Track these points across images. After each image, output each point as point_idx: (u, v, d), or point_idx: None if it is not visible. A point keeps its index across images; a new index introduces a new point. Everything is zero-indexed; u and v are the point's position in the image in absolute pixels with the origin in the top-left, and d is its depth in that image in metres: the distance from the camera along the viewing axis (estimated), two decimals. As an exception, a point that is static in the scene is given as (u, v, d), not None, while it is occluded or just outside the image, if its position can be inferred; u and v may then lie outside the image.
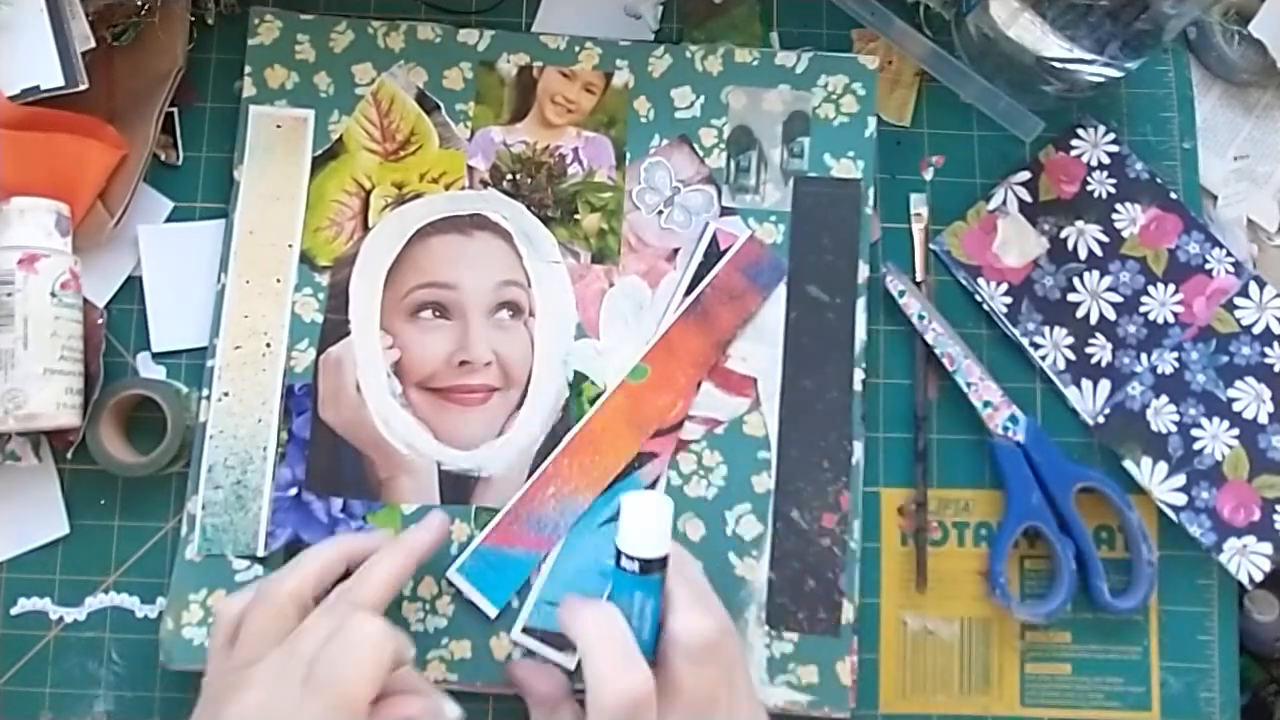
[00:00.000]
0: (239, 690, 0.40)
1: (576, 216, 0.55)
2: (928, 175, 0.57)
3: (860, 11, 0.57)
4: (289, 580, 0.43)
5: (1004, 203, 0.56)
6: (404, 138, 0.55)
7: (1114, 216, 0.56)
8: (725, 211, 0.55)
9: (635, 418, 0.52)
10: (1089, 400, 0.54)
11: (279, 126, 0.55)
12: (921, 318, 0.54)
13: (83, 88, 0.51)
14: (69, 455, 0.52)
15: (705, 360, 0.53)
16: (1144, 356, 0.55)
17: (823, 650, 0.51)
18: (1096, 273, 0.56)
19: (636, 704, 0.39)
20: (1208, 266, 0.55)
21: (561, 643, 0.50)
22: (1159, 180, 0.56)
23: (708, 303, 0.53)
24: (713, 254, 0.54)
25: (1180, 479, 0.53)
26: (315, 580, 0.44)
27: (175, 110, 0.56)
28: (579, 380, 0.53)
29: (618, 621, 0.41)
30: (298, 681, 0.39)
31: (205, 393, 0.52)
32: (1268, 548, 0.53)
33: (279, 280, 0.54)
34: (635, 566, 0.42)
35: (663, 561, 0.42)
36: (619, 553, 0.42)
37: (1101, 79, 0.54)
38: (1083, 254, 0.56)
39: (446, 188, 0.55)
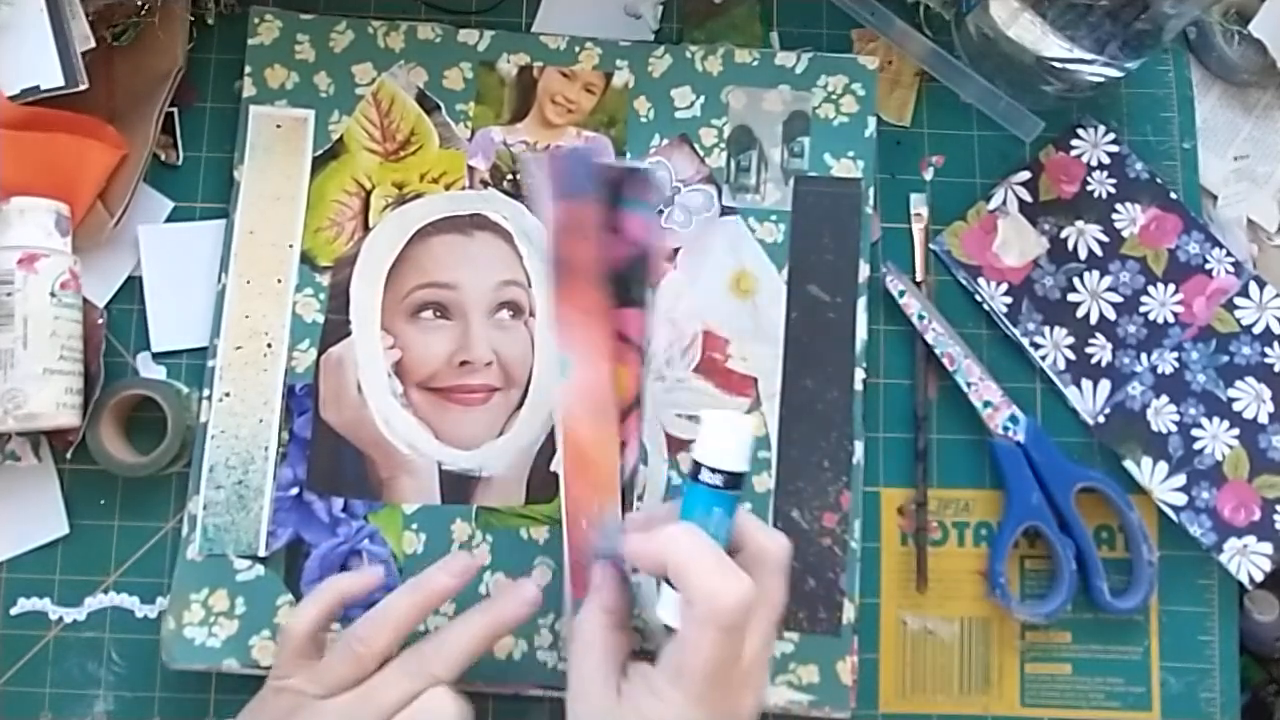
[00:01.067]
0: (308, 716, 0.43)
1: (577, 216, 0.55)
2: (928, 175, 0.57)
3: (860, 11, 0.57)
4: (379, 640, 0.44)
5: (1004, 203, 0.56)
6: (404, 138, 0.55)
7: (1114, 216, 0.56)
8: (725, 211, 0.55)
9: (592, 408, 0.46)
10: (1089, 400, 0.54)
11: (279, 126, 0.55)
12: (921, 318, 0.54)
13: (83, 88, 0.51)
14: (69, 455, 0.52)
15: (598, 304, 0.44)
16: (1144, 356, 0.55)
17: (823, 650, 0.51)
18: (1096, 273, 0.56)
19: (747, 610, 0.39)
20: (1208, 266, 0.55)
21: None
22: (1159, 180, 0.56)
23: (558, 253, 0.44)
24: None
25: (1180, 479, 0.53)
26: (401, 638, 0.45)
27: (175, 110, 0.56)
28: (579, 380, 0.53)
29: (704, 535, 0.40)
30: None
31: (206, 393, 0.52)
32: (1268, 548, 0.53)
33: (280, 280, 0.54)
34: (719, 480, 0.41)
35: (741, 479, 0.42)
36: (699, 466, 0.41)
37: (1101, 79, 0.54)
38: (1083, 254, 0.56)
39: (447, 188, 0.55)
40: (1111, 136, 0.57)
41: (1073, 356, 0.55)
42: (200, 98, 0.56)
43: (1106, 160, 0.57)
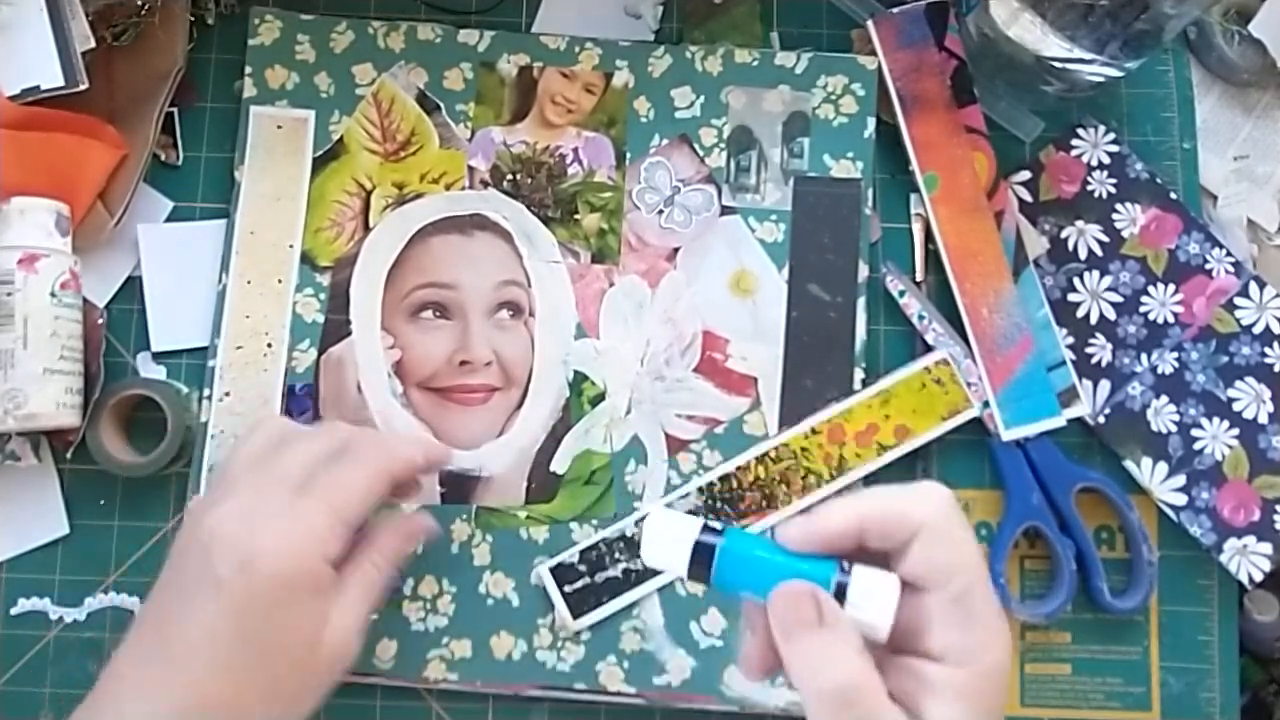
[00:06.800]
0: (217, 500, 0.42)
1: (576, 216, 0.55)
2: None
3: (860, 11, 0.57)
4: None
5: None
6: (404, 138, 0.55)
7: (1114, 216, 0.56)
8: (725, 211, 0.55)
9: (966, 206, 0.54)
10: (1089, 400, 0.54)
11: (280, 127, 0.55)
12: (922, 318, 0.54)
13: (83, 88, 0.51)
14: (69, 455, 0.52)
15: (947, 117, 0.55)
16: (1144, 356, 0.55)
17: (823, 650, 0.51)
18: (1096, 273, 0.56)
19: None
20: (1208, 266, 0.55)
21: None
22: (1159, 180, 0.56)
23: (906, 92, 0.55)
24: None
25: (1180, 479, 0.53)
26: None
27: (175, 110, 0.56)
28: (579, 380, 0.53)
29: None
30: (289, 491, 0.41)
31: (206, 393, 0.52)
32: (1268, 548, 0.53)
33: (280, 280, 0.54)
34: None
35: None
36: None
37: (1101, 79, 0.54)
38: (1083, 254, 0.56)
39: (447, 188, 0.55)
40: (1111, 136, 0.57)
41: (1073, 356, 0.55)
42: (200, 98, 0.56)
43: (1106, 160, 0.57)
